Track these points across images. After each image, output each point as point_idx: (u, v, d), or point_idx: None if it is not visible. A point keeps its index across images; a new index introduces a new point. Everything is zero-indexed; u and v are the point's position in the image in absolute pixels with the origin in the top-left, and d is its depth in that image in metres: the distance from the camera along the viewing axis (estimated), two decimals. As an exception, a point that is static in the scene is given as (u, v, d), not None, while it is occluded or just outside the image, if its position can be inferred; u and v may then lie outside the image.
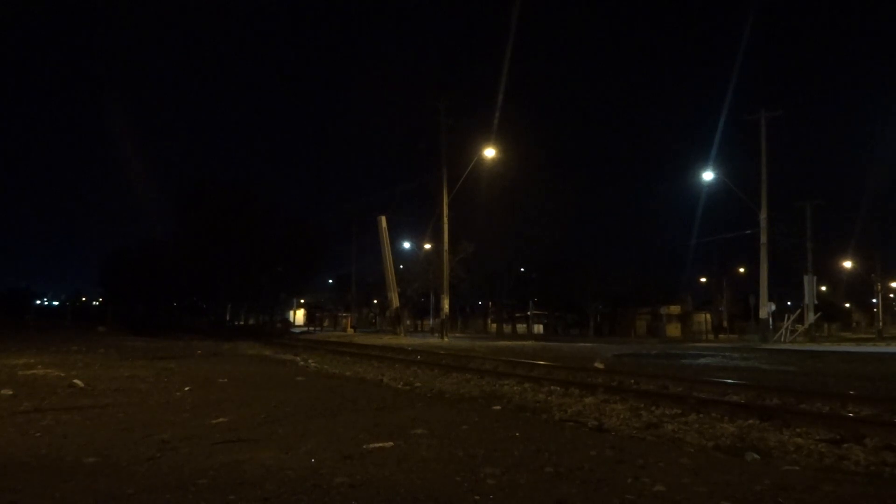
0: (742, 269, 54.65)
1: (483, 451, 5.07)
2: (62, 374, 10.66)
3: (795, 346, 27.35)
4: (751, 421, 7.28)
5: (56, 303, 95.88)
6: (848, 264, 55.58)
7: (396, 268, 43.12)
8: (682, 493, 3.95)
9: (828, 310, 54.27)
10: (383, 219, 42.01)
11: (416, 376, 13.04)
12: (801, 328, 36.17)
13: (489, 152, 32.77)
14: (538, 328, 59.50)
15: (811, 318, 37.47)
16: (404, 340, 31.18)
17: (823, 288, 53.62)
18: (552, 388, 10.52)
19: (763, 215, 31.22)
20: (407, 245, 46.21)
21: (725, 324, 55.50)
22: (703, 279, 62.67)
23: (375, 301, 62.42)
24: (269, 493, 3.90)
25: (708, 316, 54.77)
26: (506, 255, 51.03)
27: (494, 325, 60.86)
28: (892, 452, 5.80)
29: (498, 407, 8.34)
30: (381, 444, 5.26)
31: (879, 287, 58.05)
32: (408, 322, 48.81)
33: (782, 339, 32.67)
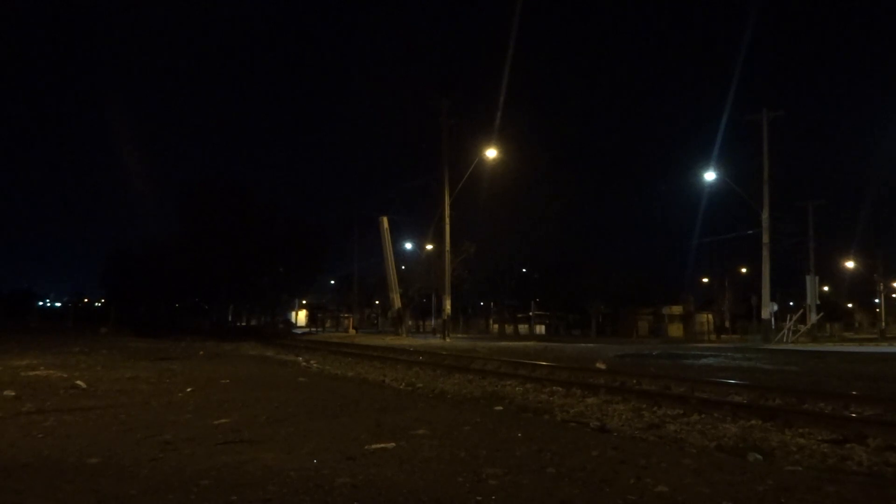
0: (744, 269, 54.55)
1: (485, 451, 5.07)
2: (65, 376, 10.68)
3: (798, 347, 27.31)
4: (753, 421, 7.27)
5: (58, 304, 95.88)
6: (850, 264, 55.53)
7: (398, 268, 43.15)
8: (684, 493, 3.95)
9: (830, 310, 54.25)
10: (385, 219, 42.05)
11: (418, 377, 13.05)
12: (803, 328, 36.10)
13: (491, 153, 32.77)
14: (540, 329, 59.49)
15: (813, 318, 37.43)
16: (406, 341, 31.19)
17: (826, 288, 53.62)
18: (554, 388, 10.52)
19: (765, 215, 31.19)
20: (409, 246, 46.24)
21: (727, 324, 55.42)
22: (705, 279, 62.55)
23: (377, 302, 62.42)
24: (271, 493, 3.90)
25: (710, 316, 54.69)
26: (508, 256, 51.03)
27: (496, 326, 60.82)
28: (895, 452, 5.79)
29: (500, 407, 8.34)
30: (383, 445, 5.26)
31: (882, 287, 57.98)
32: (410, 323, 48.81)
33: (784, 340, 32.61)
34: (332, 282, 72.48)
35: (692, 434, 6.72)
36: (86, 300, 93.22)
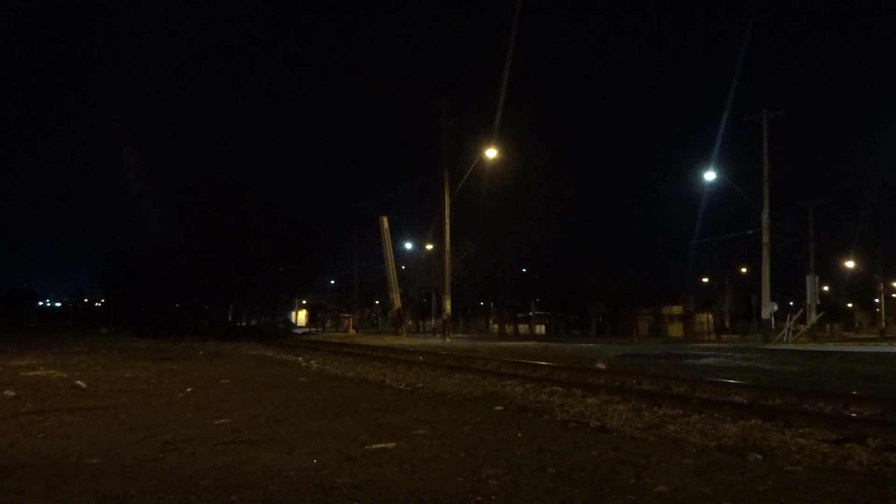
0: (744, 269, 54.62)
1: (485, 451, 5.07)
2: (65, 376, 10.68)
3: (798, 347, 27.31)
4: (753, 421, 7.28)
5: (58, 304, 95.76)
6: (850, 264, 55.60)
7: (398, 268, 43.15)
8: (684, 493, 3.95)
9: (830, 310, 54.23)
10: (385, 219, 42.05)
11: (418, 377, 13.04)
12: (803, 328, 36.11)
13: (491, 153, 32.78)
14: (540, 329, 59.50)
15: (813, 318, 37.42)
16: (406, 341, 31.19)
17: (826, 288, 53.62)
18: (554, 388, 10.52)
19: (765, 215, 31.19)
20: (409, 245, 46.26)
21: (727, 324, 55.43)
22: (706, 279, 62.60)
23: (377, 302, 62.43)
24: (271, 493, 3.90)
25: (710, 316, 54.69)
26: (508, 256, 51.07)
27: (496, 326, 60.84)
28: (895, 452, 5.79)
29: (500, 407, 8.34)
30: (383, 445, 5.27)
31: (882, 287, 58.01)
32: (410, 323, 48.81)
33: (784, 340, 32.61)
34: (332, 282, 72.48)
35: (692, 434, 6.72)
36: (86, 300, 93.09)
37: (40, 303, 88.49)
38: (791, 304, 48.54)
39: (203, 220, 53.47)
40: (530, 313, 59.23)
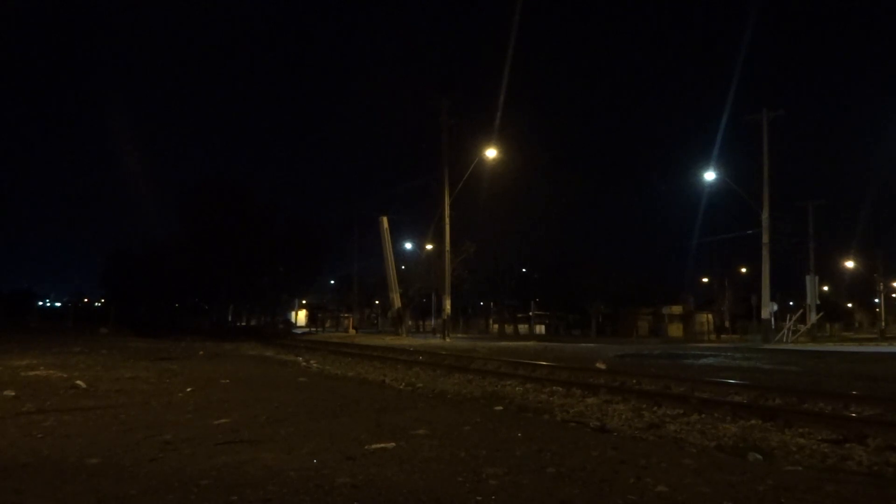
0: (744, 269, 54.66)
1: (485, 451, 5.07)
2: (64, 376, 10.68)
3: (797, 347, 27.31)
4: (753, 421, 7.28)
5: (58, 304, 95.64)
6: (850, 264, 55.64)
7: (398, 268, 43.16)
8: (684, 493, 3.95)
9: (830, 310, 54.32)
10: (385, 219, 42.08)
11: (418, 377, 13.05)
12: (803, 328, 36.12)
13: (491, 152, 32.80)
14: (540, 329, 59.51)
15: (813, 318, 37.44)
16: (406, 341, 31.19)
17: (826, 288, 53.70)
18: (554, 388, 10.52)
19: (765, 215, 31.19)
20: (409, 245, 46.28)
21: (727, 324, 55.46)
22: (705, 279, 62.65)
23: (377, 302, 62.45)
24: (271, 493, 3.90)
25: (710, 316, 54.71)
26: (508, 256, 51.11)
27: (496, 326, 60.85)
28: (895, 452, 5.79)
29: (500, 407, 8.34)
30: (383, 445, 5.26)
31: (881, 287, 58.03)
32: (410, 323, 48.81)
33: (784, 340, 32.62)
34: (332, 282, 72.53)
35: (692, 434, 6.73)
36: (86, 300, 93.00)
37: (40, 303, 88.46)
38: (791, 304, 48.56)
39: (203, 220, 53.48)
40: (530, 313, 59.24)
